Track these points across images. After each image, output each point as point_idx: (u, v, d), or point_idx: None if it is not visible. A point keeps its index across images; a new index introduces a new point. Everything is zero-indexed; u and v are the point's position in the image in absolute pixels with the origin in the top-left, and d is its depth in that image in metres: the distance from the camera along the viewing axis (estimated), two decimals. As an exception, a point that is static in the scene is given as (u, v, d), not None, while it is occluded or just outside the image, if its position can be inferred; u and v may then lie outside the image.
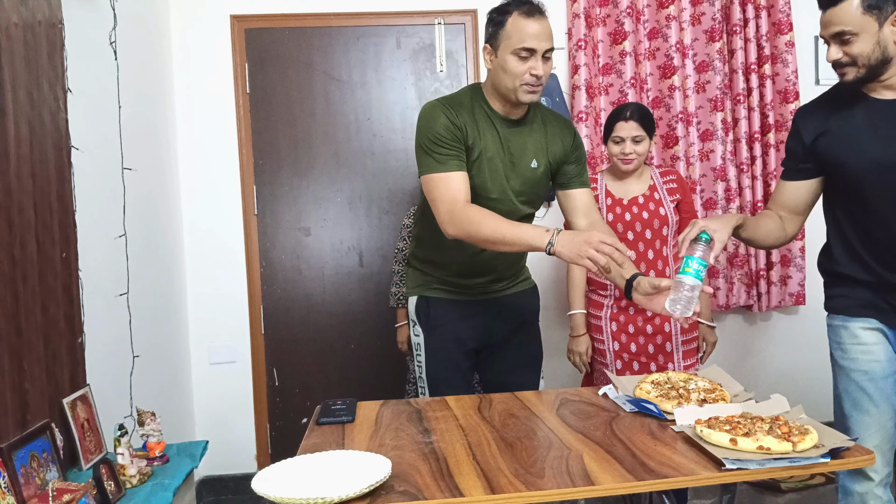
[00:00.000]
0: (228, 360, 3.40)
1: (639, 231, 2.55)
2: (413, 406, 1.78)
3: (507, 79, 1.92)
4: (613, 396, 1.74)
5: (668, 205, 2.57)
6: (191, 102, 3.33)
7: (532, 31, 1.87)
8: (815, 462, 1.27)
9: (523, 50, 1.88)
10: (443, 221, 1.90)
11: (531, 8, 1.90)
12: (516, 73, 1.89)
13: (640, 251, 2.55)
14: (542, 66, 1.90)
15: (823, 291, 2.01)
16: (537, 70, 1.89)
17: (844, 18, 1.68)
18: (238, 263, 3.40)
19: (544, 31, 1.89)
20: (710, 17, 3.44)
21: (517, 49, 1.88)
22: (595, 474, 1.25)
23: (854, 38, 1.69)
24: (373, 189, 3.43)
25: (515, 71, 1.89)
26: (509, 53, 1.90)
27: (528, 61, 1.89)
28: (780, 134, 3.53)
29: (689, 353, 2.60)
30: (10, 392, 1.73)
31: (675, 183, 2.63)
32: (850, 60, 1.73)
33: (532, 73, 1.89)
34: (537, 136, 2.06)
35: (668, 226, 2.56)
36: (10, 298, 1.77)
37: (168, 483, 1.94)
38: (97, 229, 2.32)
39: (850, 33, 1.69)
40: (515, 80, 1.90)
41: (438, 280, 2.17)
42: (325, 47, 3.40)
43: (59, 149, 2.07)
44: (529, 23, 1.88)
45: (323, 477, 1.28)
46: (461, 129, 1.94)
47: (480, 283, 2.15)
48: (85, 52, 2.30)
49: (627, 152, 2.51)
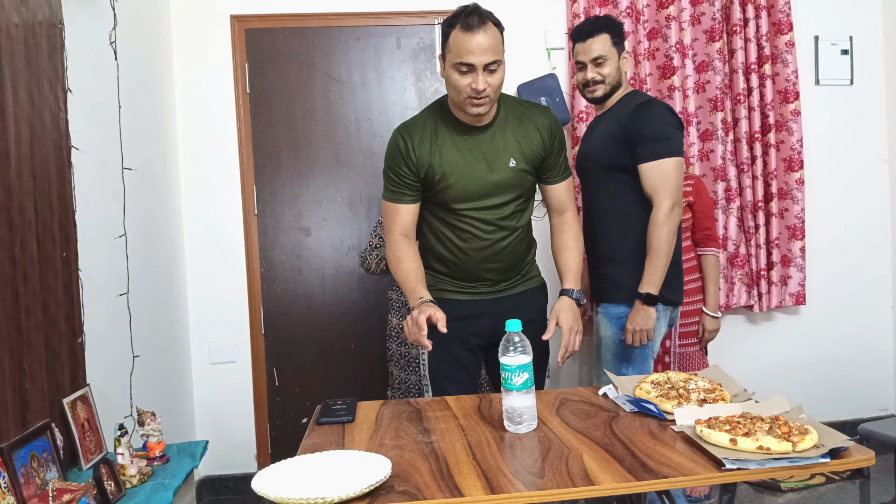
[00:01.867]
0: (228, 360, 3.40)
1: None
2: (413, 406, 1.79)
3: (453, 92, 1.97)
4: (613, 396, 1.74)
5: None
6: (191, 102, 3.33)
7: (469, 47, 1.88)
8: (815, 462, 1.27)
9: (462, 65, 1.90)
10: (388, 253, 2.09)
11: (470, 22, 1.89)
12: (459, 88, 1.93)
13: None
14: (487, 79, 1.91)
15: None
16: (477, 84, 1.90)
17: (602, 47, 2.31)
18: (238, 263, 3.40)
19: (483, 45, 1.88)
20: (709, 17, 3.44)
21: (457, 64, 1.91)
22: (595, 474, 1.25)
23: (605, 63, 2.32)
24: (373, 189, 3.43)
25: (458, 85, 1.92)
26: (451, 67, 1.93)
27: (467, 76, 1.91)
28: (781, 134, 3.53)
29: (687, 335, 2.88)
30: (11, 392, 1.73)
31: (691, 186, 2.87)
32: (601, 79, 2.34)
33: (472, 86, 1.90)
34: (509, 137, 2.08)
35: None
36: (11, 298, 1.77)
37: (168, 483, 1.94)
38: (97, 229, 2.32)
39: (604, 59, 2.31)
40: (460, 94, 1.94)
41: (443, 281, 2.18)
42: (325, 47, 3.40)
43: (59, 149, 2.07)
44: (467, 38, 1.88)
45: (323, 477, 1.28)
46: (415, 160, 2.04)
47: (486, 282, 2.16)
48: (85, 52, 2.30)
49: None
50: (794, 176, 3.52)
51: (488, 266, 2.14)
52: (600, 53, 2.33)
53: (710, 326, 2.93)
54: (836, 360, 3.68)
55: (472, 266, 2.13)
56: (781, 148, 3.54)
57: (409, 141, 2.05)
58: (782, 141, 3.53)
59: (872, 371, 3.74)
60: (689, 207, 2.88)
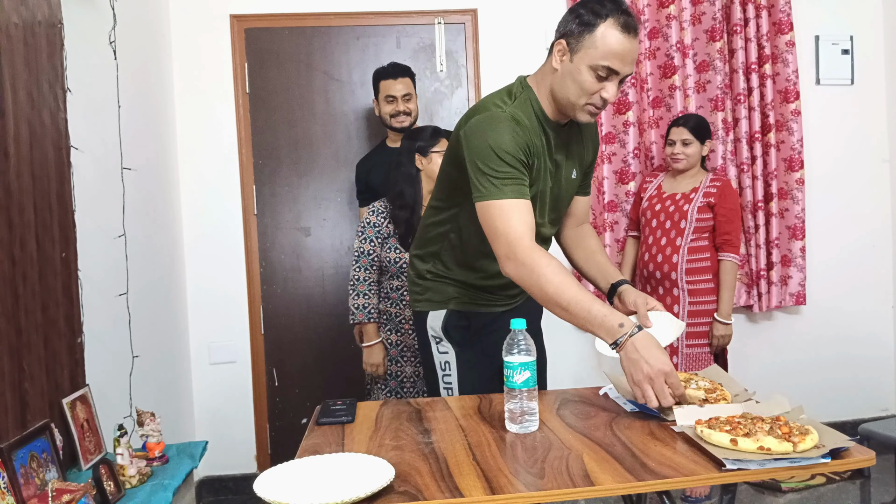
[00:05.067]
0: (228, 360, 3.40)
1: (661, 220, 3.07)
2: (413, 406, 1.78)
3: (573, 92, 1.67)
4: (614, 396, 1.74)
5: (695, 204, 2.99)
6: (191, 102, 3.33)
7: (623, 51, 1.62)
8: (816, 462, 1.26)
9: (605, 69, 1.62)
10: (500, 257, 1.65)
11: (630, 23, 1.63)
12: (586, 90, 1.65)
13: (656, 237, 3.07)
14: (615, 91, 1.66)
15: None
16: (608, 94, 1.65)
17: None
18: (238, 263, 3.39)
19: (635, 55, 1.65)
20: (710, 17, 3.44)
21: (598, 65, 1.62)
22: (595, 474, 1.25)
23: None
24: (373, 189, 3.42)
25: (587, 87, 1.65)
26: (587, 65, 1.64)
27: (603, 81, 1.64)
28: (781, 134, 3.53)
29: (696, 335, 2.97)
30: (10, 392, 1.73)
31: (715, 188, 3.01)
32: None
33: (602, 95, 1.66)
34: (576, 143, 1.86)
35: (686, 220, 2.99)
36: (10, 298, 1.76)
37: (168, 483, 1.94)
38: (97, 229, 2.32)
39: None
40: (581, 98, 1.67)
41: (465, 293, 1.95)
42: (325, 47, 3.40)
43: (58, 149, 2.06)
44: (624, 40, 1.61)
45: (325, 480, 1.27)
46: (528, 150, 1.69)
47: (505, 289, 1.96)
48: (85, 52, 2.30)
49: (677, 152, 3.02)
50: (795, 176, 3.52)
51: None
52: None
53: (719, 332, 2.96)
54: (836, 361, 3.68)
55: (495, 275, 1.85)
56: (782, 148, 3.53)
57: (519, 130, 1.69)
58: (783, 141, 3.53)
59: (873, 371, 3.74)
60: (711, 209, 2.97)
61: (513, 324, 1.52)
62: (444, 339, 1.97)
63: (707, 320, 2.96)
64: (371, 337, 2.69)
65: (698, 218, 2.97)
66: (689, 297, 2.97)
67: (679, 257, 2.98)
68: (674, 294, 2.99)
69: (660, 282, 3.03)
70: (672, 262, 2.99)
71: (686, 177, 3.07)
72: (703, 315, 2.96)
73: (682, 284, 2.98)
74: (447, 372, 1.96)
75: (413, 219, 2.60)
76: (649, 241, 3.09)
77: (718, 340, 2.97)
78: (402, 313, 2.67)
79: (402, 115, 2.91)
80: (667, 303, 3.00)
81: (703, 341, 2.97)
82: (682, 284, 2.98)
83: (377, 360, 2.68)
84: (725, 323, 2.95)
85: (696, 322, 2.96)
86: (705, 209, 2.98)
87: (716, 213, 2.97)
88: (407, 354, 2.69)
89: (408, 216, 2.61)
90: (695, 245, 2.98)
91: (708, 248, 2.99)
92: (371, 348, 2.69)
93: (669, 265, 2.99)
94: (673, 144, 3.04)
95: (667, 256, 3.00)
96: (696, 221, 2.97)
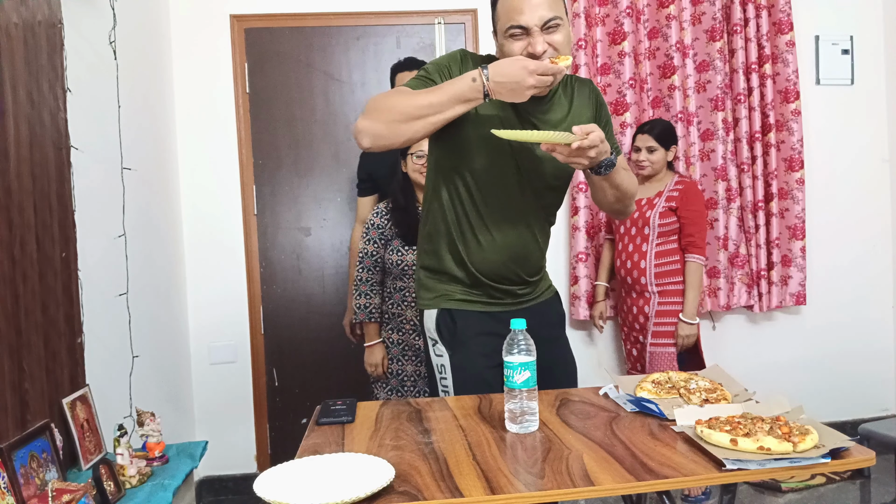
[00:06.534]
0: (228, 360, 3.40)
1: (627, 226, 3.10)
2: (413, 406, 1.78)
3: None
4: (614, 396, 1.74)
5: (656, 210, 3.02)
6: (191, 102, 3.33)
7: (519, 5, 1.62)
8: (816, 462, 1.26)
9: (513, 27, 1.63)
10: (358, 121, 1.63)
11: None
12: (514, 55, 1.64)
13: (625, 244, 3.12)
14: (546, 39, 1.63)
15: None
16: (534, 48, 1.62)
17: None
18: (238, 263, 3.39)
19: (530, 3, 1.62)
20: (710, 17, 3.44)
21: (507, 27, 1.64)
22: (595, 474, 1.25)
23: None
24: (373, 189, 3.42)
25: (514, 53, 1.64)
26: (502, 34, 1.67)
27: (521, 40, 1.64)
28: (781, 134, 3.53)
29: (660, 335, 3.01)
30: (10, 392, 1.73)
31: (677, 192, 3.02)
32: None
33: (529, 50, 1.63)
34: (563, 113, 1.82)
35: (649, 226, 3.03)
36: (10, 298, 1.76)
37: (168, 483, 1.94)
38: (97, 229, 2.32)
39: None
40: None
41: (461, 289, 1.87)
42: (325, 47, 3.40)
43: (58, 149, 2.06)
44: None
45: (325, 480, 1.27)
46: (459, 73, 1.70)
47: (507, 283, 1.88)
48: (85, 52, 2.30)
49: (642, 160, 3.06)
50: (795, 176, 3.52)
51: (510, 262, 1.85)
52: None
53: (683, 332, 2.98)
54: (836, 360, 3.68)
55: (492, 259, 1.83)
56: (782, 148, 3.53)
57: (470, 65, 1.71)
58: (783, 141, 3.53)
59: (873, 371, 3.74)
60: (674, 212, 2.99)
61: (513, 324, 1.52)
62: (438, 341, 1.90)
63: (673, 320, 2.99)
64: (372, 337, 2.70)
65: (661, 223, 3.00)
66: (658, 297, 3.01)
67: (647, 262, 3.03)
68: (646, 297, 3.05)
69: (632, 286, 3.09)
70: (640, 268, 3.04)
71: (652, 181, 3.10)
72: (670, 315, 2.99)
73: (653, 288, 3.01)
74: (443, 375, 1.92)
75: (408, 219, 2.61)
76: (619, 248, 3.17)
77: (683, 340, 2.99)
78: (403, 313, 2.67)
79: None
80: (640, 305, 3.06)
81: (668, 340, 2.99)
82: (653, 288, 3.01)
83: (376, 360, 2.70)
84: (690, 323, 2.97)
85: (661, 322, 3.00)
86: (668, 213, 3.00)
87: (679, 215, 2.99)
88: (408, 353, 2.70)
89: (402, 217, 2.63)
90: (663, 249, 3.02)
91: (677, 251, 3.02)
92: (371, 348, 2.71)
93: (638, 271, 3.05)
94: (638, 151, 3.08)
95: (635, 262, 3.05)
96: (660, 227, 3.00)
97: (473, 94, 1.58)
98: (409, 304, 2.65)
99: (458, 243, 1.84)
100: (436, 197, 1.87)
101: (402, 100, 1.61)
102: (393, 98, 1.63)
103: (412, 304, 2.63)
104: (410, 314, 2.66)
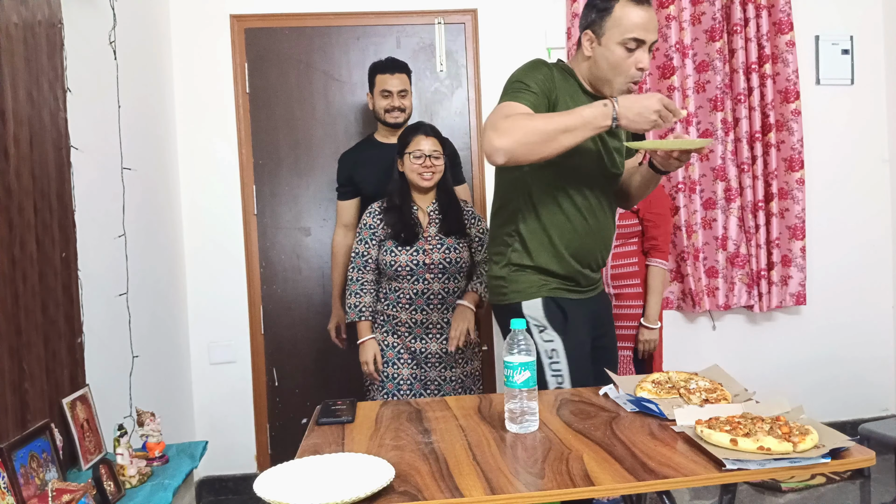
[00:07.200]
0: (228, 360, 3.40)
1: None
2: (413, 406, 1.78)
3: (610, 70, 1.88)
4: (614, 396, 1.74)
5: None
6: (191, 102, 3.33)
7: (643, 21, 1.82)
8: (816, 462, 1.26)
9: (632, 41, 1.83)
10: (491, 138, 1.76)
11: None
12: (623, 66, 1.85)
13: None
14: (646, 59, 1.86)
15: None
16: (643, 63, 1.85)
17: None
18: (238, 263, 3.39)
19: (653, 21, 1.85)
20: (710, 17, 3.44)
21: (626, 39, 1.83)
22: (595, 474, 1.25)
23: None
24: (373, 189, 3.42)
25: (622, 63, 1.85)
26: (616, 43, 1.84)
27: (634, 53, 1.84)
28: (781, 134, 3.53)
29: (620, 338, 2.80)
30: (10, 392, 1.73)
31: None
32: None
33: (638, 66, 1.85)
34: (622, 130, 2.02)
35: None
36: (10, 298, 1.76)
37: (168, 483, 1.94)
38: (97, 229, 2.32)
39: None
40: (622, 74, 1.87)
41: (555, 281, 2.01)
42: (325, 47, 3.40)
43: (58, 148, 2.06)
44: (640, 11, 1.83)
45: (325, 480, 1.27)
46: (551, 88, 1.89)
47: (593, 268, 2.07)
48: (85, 52, 2.30)
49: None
50: (795, 176, 3.52)
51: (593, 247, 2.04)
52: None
53: (644, 337, 2.92)
54: (836, 361, 3.68)
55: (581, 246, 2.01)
56: (782, 148, 3.54)
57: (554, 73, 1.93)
58: (783, 141, 3.53)
59: (873, 371, 3.74)
60: (635, 214, 2.90)
61: (513, 324, 1.52)
62: (548, 326, 1.98)
63: (632, 324, 2.91)
64: (364, 333, 2.66)
65: (620, 224, 2.85)
66: (615, 300, 2.91)
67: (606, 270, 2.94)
68: None
69: None
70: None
71: None
72: (627, 318, 2.91)
73: (609, 290, 2.93)
74: (555, 360, 1.97)
75: (402, 219, 2.60)
76: None
77: (644, 345, 2.92)
78: (398, 315, 2.64)
79: (397, 111, 2.90)
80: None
81: (625, 344, 2.91)
82: (609, 290, 2.93)
83: (367, 357, 2.64)
84: (651, 328, 2.91)
85: (619, 325, 2.89)
86: (629, 215, 2.89)
87: (642, 217, 2.90)
88: (404, 357, 2.66)
89: (396, 217, 2.60)
90: (620, 251, 2.92)
91: (636, 254, 2.93)
92: (364, 344, 2.66)
93: None
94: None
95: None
96: (619, 228, 2.86)
97: (604, 121, 1.74)
98: (403, 306, 2.62)
99: (552, 236, 1.99)
100: (520, 195, 2.00)
101: (539, 123, 1.76)
102: (526, 119, 1.77)
103: (407, 307, 2.62)
104: (406, 316, 2.63)
